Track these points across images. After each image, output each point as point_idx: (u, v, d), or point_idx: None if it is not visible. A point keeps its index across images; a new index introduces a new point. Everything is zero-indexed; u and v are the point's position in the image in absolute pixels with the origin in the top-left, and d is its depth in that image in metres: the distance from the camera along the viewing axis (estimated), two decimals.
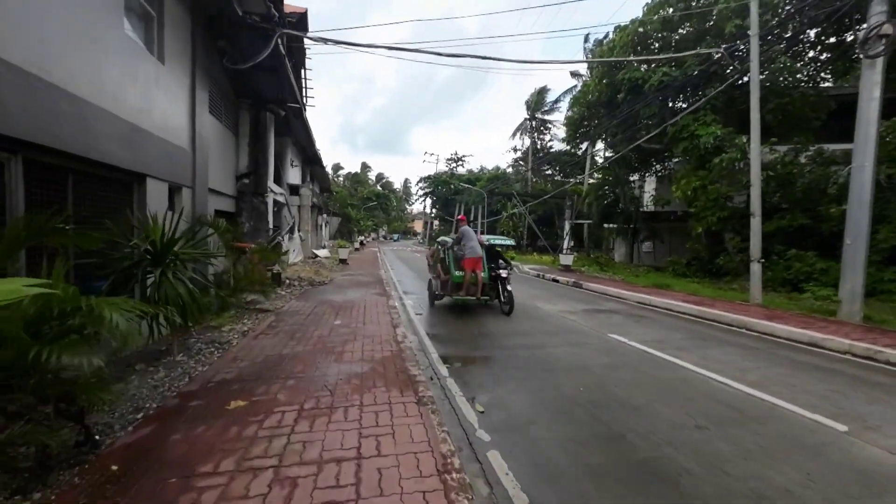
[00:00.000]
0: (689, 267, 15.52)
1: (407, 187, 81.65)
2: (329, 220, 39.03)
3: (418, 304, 8.78)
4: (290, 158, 19.30)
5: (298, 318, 6.38)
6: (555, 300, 9.89)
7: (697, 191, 13.99)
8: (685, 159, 14.88)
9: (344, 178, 69.87)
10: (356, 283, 11.13)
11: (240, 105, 8.40)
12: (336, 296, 8.85)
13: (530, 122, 36.84)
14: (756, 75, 9.09)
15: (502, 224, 32.29)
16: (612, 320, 7.65)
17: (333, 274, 13.38)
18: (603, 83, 17.17)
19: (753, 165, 9.21)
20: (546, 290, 11.73)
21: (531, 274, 16.79)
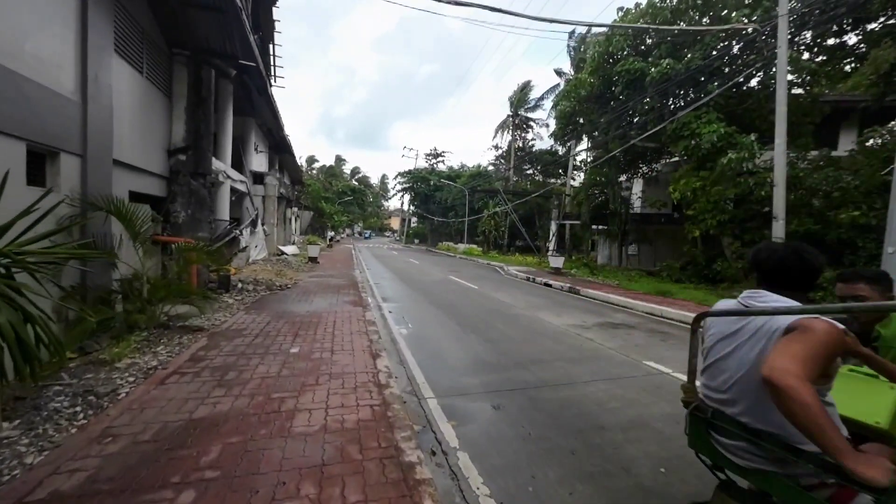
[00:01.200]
0: (684, 272, 14.74)
1: (384, 183, 79.22)
2: (300, 215, 36.50)
3: (402, 315, 7.19)
4: (255, 143, 17.10)
5: (240, 342, 4.64)
6: (558, 310, 8.57)
7: (697, 192, 13.14)
8: (684, 159, 14.03)
9: (318, 171, 66.68)
10: (326, 288, 9.37)
11: (174, 57, 6.47)
12: (299, 305, 7.11)
13: (513, 118, 35.77)
14: (784, 61, 8.11)
15: (484, 223, 31.04)
16: (634, 339, 6.37)
17: (300, 275, 11.51)
18: (597, 76, 16.10)
19: (778, 164, 8.24)
20: (543, 298, 10.42)
21: (520, 277, 15.52)
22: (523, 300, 9.74)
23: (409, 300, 9.10)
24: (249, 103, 14.70)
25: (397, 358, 4.81)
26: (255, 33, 16.97)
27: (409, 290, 10.62)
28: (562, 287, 12.48)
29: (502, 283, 13.31)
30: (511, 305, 8.90)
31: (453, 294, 10.25)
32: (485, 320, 7.19)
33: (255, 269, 10.82)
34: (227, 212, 12.64)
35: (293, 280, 9.97)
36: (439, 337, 5.94)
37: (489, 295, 10.37)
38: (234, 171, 13.31)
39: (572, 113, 17.92)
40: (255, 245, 15.22)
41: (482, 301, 9.38)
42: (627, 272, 16.84)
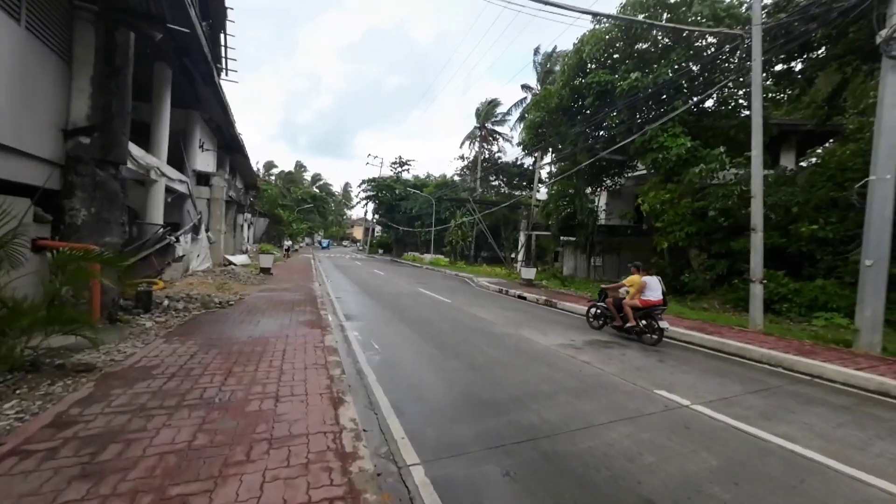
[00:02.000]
0: None
1: (347, 191, 76.74)
2: (254, 221, 33.86)
3: (369, 338, 6.05)
4: (200, 139, 15.24)
5: (144, 388, 3.33)
6: (542, 327, 7.81)
7: (665, 204, 13.20)
8: (651, 172, 14.13)
9: (276, 177, 63.21)
10: (278, 304, 7.99)
11: (76, 13, 5.01)
12: (241, 328, 5.76)
13: (480, 130, 35.75)
14: (758, 73, 8.10)
15: (451, 233, 30.33)
16: (631, 360, 5.71)
17: (248, 289, 9.95)
18: (567, 88, 16.05)
19: (755, 175, 8.15)
20: (522, 312, 9.67)
21: (492, 289, 14.78)
22: (502, 315, 8.92)
23: (376, 318, 7.95)
24: (194, 94, 12.99)
25: (366, 399, 3.72)
26: (203, 20, 15.29)
27: (376, 306, 9.45)
28: (537, 300, 11.86)
29: (476, 296, 12.47)
30: (491, 322, 8.04)
31: (426, 309, 9.23)
32: (466, 341, 6.24)
33: (191, 283, 9.15)
34: (161, 215, 10.84)
35: (238, 295, 8.46)
36: (416, 365, 4.90)
37: (464, 310, 9.46)
38: (172, 169, 11.54)
39: (541, 123, 17.78)
40: (196, 254, 13.34)
41: (458, 317, 8.44)
42: (596, 283, 16.68)
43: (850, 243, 10.22)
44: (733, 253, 12.34)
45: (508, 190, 37.13)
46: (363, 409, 3.45)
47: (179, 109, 14.26)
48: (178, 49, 10.04)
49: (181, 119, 14.40)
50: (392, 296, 11.38)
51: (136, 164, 8.83)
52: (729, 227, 12.59)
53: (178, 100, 13.58)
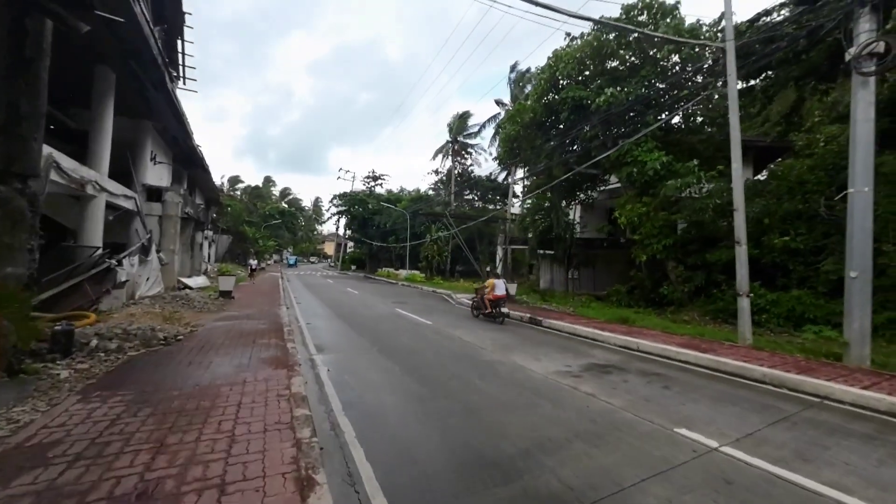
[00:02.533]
0: (631, 295, 14.68)
1: (318, 206, 74.60)
2: (216, 239, 31.75)
3: (344, 377, 5.21)
4: (151, 152, 13.91)
5: (25, 484, 2.40)
6: (533, 351, 7.24)
7: (642, 217, 13.24)
8: (627, 185, 14.22)
9: (242, 192, 60.45)
10: (237, 337, 6.96)
11: None
12: (186, 374, 4.78)
13: (452, 145, 35.72)
14: (734, 87, 8.15)
15: (426, 248, 29.66)
16: (636, 389, 5.22)
17: (204, 318, 8.78)
18: (542, 102, 16.08)
19: (736, 188, 8.12)
20: (508, 333, 9.09)
21: None
22: (488, 338, 8.29)
23: (352, 348, 7.09)
24: (144, 102, 11.80)
25: (344, 469, 2.93)
26: (158, 24, 14.14)
27: (351, 332, 8.57)
28: (521, 318, 11.35)
29: (457, 316, 11.80)
30: (478, 347, 7.38)
31: (406, 334, 8.44)
32: (455, 374, 5.53)
33: (134, 314, 7.91)
34: (100, 234, 9.53)
35: (190, 327, 7.33)
36: (403, 411, 4.14)
37: (447, 333, 8.76)
38: (114, 183, 10.26)
39: (516, 137, 17.71)
40: (145, 278, 11.90)
41: (442, 342, 7.72)
42: (576, 297, 16.50)
43: (819, 254, 10.49)
44: (709, 264, 12.45)
45: (483, 204, 37.13)
46: (340, 486, 2.67)
47: (128, 119, 12.96)
48: (125, 52, 9.00)
49: (130, 129, 13.07)
50: (368, 319, 10.50)
51: (65, 178, 7.63)
52: (703, 238, 12.76)
53: (125, 108, 12.31)
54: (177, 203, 13.65)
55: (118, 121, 12.75)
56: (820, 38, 11.00)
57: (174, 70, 17.70)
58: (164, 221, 13.49)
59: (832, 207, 10.16)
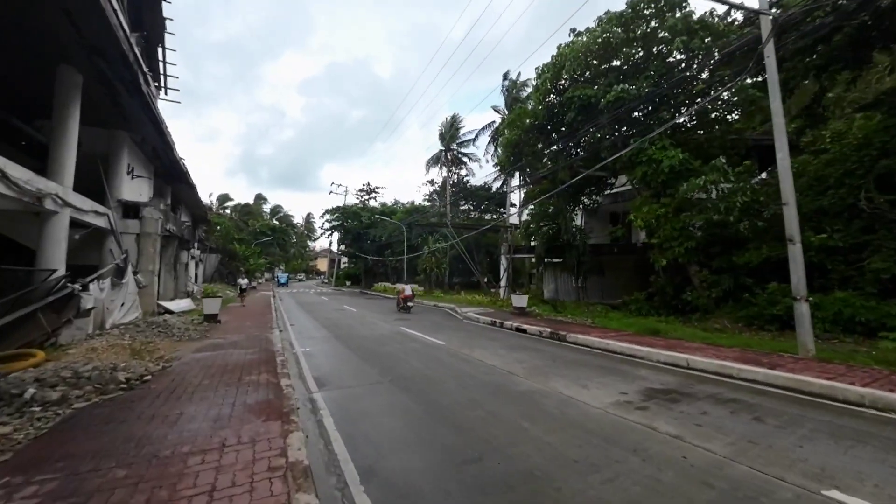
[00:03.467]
0: (650, 303, 13.68)
1: (310, 222, 73.21)
2: (204, 258, 30.22)
3: (356, 423, 4.02)
4: (128, 165, 12.70)
5: None
6: (571, 374, 6.12)
7: (660, 219, 12.36)
8: (636, 187, 13.39)
9: (232, 210, 58.91)
10: (219, 373, 5.73)
11: None
12: (143, 435, 3.56)
13: (446, 153, 35.01)
14: (773, 67, 7.34)
15: (424, 260, 28.53)
16: (725, 424, 4.13)
17: (182, 348, 7.49)
18: (545, 103, 15.34)
19: (784, 179, 7.23)
20: (533, 353, 7.96)
21: (483, 321, 13.02)
22: (514, 360, 7.15)
23: (358, 380, 5.89)
24: (118, 110, 10.67)
25: None
26: (135, 30, 13.11)
27: (354, 359, 7.35)
28: (541, 332, 10.24)
29: (469, 333, 10.64)
30: (507, 373, 6.24)
31: (418, 358, 7.26)
32: (493, 414, 4.38)
33: (96, 348, 6.60)
34: (62, 256, 8.25)
35: (162, 362, 6.06)
36: (445, 488, 2.97)
37: (466, 355, 7.60)
38: (81, 197, 9.04)
39: (518, 142, 16.91)
40: (120, 303, 10.58)
41: (463, 367, 6.56)
42: (589, 306, 15.46)
43: (860, 251, 9.65)
44: (735, 267, 11.56)
45: (479, 214, 36.30)
46: None
47: (101, 129, 11.80)
48: (90, 48, 7.91)
49: (103, 140, 11.89)
50: (372, 340, 9.29)
51: (14, 190, 6.43)
52: (727, 240, 11.88)
53: (98, 118, 11.17)
54: (156, 219, 12.38)
55: (90, 132, 11.60)
56: (839, 26, 10.47)
57: (156, 80, 16.66)
58: (143, 240, 12.20)
59: (872, 200, 9.38)
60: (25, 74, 9.01)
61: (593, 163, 14.90)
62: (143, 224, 12.21)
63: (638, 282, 19.09)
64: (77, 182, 10.04)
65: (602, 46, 13.29)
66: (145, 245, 12.24)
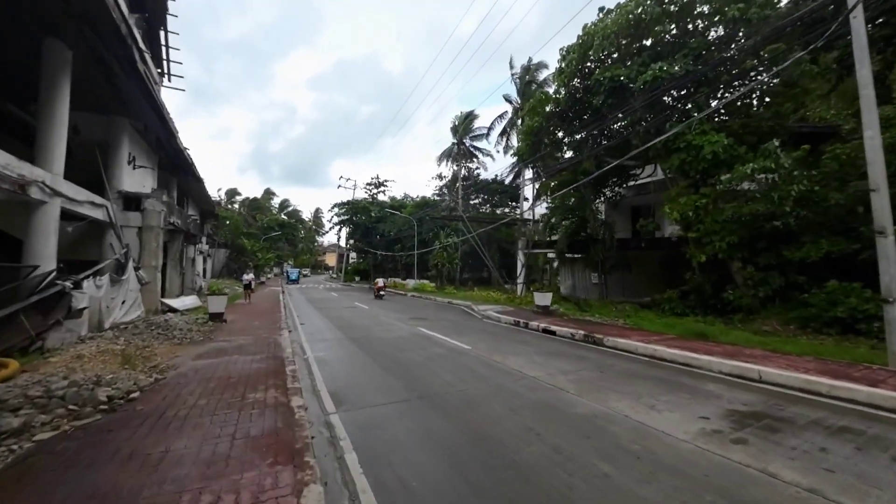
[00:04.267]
0: (685, 301, 12.59)
1: (318, 217, 72.66)
2: (213, 253, 29.70)
3: (392, 469, 3.13)
4: (129, 154, 11.93)
5: None
6: (627, 389, 5.17)
7: (699, 211, 11.26)
8: (679, 176, 12.25)
9: (240, 205, 58.54)
10: (219, 388, 4.88)
11: None
12: (110, 492, 2.70)
13: (458, 147, 33.92)
14: (862, 34, 6.23)
15: (436, 256, 27.62)
16: (860, 468, 3.15)
17: (182, 353, 6.68)
18: (570, 87, 14.23)
19: (874, 162, 6.14)
20: (575, 360, 7.01)
21: (503, 321, 12.08)
22: (556, 370, 6.21)
23: (382, 397, 5.00)
24: (115, 93, 9.87)
25: None
26: (135, 11, 12.26)
27: (374, 367, 6.48)
28: (573, 335, 9.28)
29: (494, 335, 9.72)
30: (554, 388, 5.31)
31: (445, 367, 6.36)
32: (557, 450, 3.45)
33: (82, 354, 5.80)
34: (52, 250, 7.46)
35: (155, 373, 5.23)
36: None
37: (498, 364, 6.68)
38: (73, 187, 8.25)
39: (539, 129, 15.81)
40: (120, 301, 9.86)
41: (501, 381, 5.64)
42: (615, 305, 14.42)
43: None
44: (785, 264, 10.45)
45: (490, 208, 35.24)
46: None
47: (99, 115, 11.03)
48: (78, 18, 7.05)
49: (101, 127, 11.11)
50: (390, 344, 8.41)
51: None
52: (775, 234, 10.75)
53: (95, 102, 10.39)
54: (159, 212, 11.61)
55: (87, 118, 10.84)
56: None
57: (158, 66, 15.85)
58: (145, 233, 11.44)
59: None
60: (15, 53, 8.21)
61: (621, 152, 13.79)
62: (145, 217, 11.44)
63: (663, 279, 17.96)
64: (75, 172, 9.29)
65: (634, 23, 12.12)
66: (148, 239, 11.49)
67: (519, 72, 27.62)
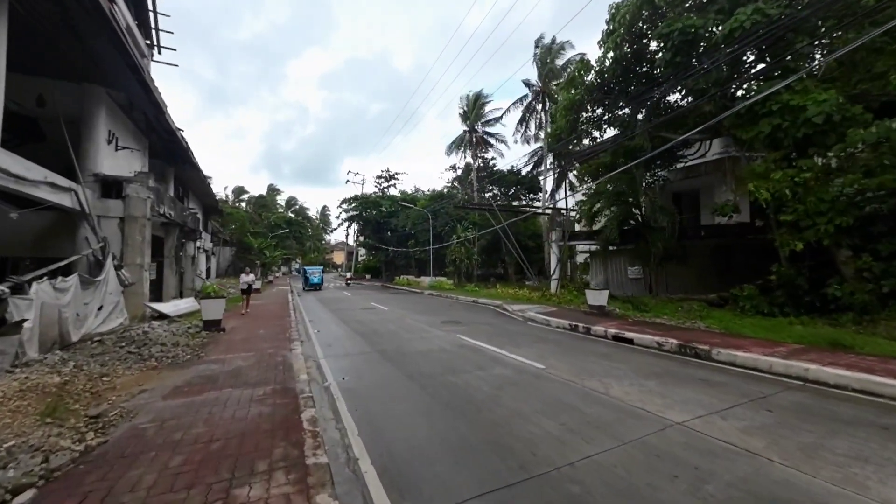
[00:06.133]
0: (770, 298, 10.37)
1: (325, 214, 70.89)
2: (217, 251, 27.91)
3: None
4: (110, 132, 9.99)
5: None
6: (840, 449, 3.07)
7: (800, 188, 9.08)
8: (768, 147, 10.02)
9: (247, 203, 56.90)
10: (187, 473, 2.86)
11: None
12: None
13: (470, 134, 31.71)
14: None
15: (453, 251, 25.56)
16: None
17: (155, 382, 4.70)
18: (619, 51, 12.04)
19: None
20: (699, 388, 4.92)
21: (553, 325, 9.98)
22: (699, 407, 4.13)
23: (468, 475, 2.95)
24: (86, 54, 7.90)
25: None
26: None
27: (430, 406, 4.42)
28: (660, 344, 7.17)
29: (559, 346, 7.64)
30: (732, 449, 3.23)
31: (525, 401, 4.30)
32: None
33: (4, 395, 3.82)
34: None
35: (94, 429, 3.24)
36: None
37: (598, 394, 4.61)
38: (21, 161, 6.27)
39: (580, 103, 13.65)
40: (95, 306, 7.96)
41: (631, 430, 3.57)
42: (677, 304, 12.23)
43: None
44: None
45: (507, 200, 33.07)
46: None
47: (70, 84, 9.08)
48: None
49: (73, 97, 9.17)
50: (433, 360, 6.36)
51: None
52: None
53: (64, 67, 8.45)
54: (144, 199, 9.65)
55: (55, 86, 8.91)
56: None
57: (147, 38, 13.90)
58: (128, 225, 9.51)
59: None
60: None
61: (674, 127, 11.63)
62: (127, 205, 9.49)
63: (716, 272, 15.78)
64: (48, 157, 7.43)
65: None
66: (131, 231, 9.55)
67: (540, 52, 25.32)
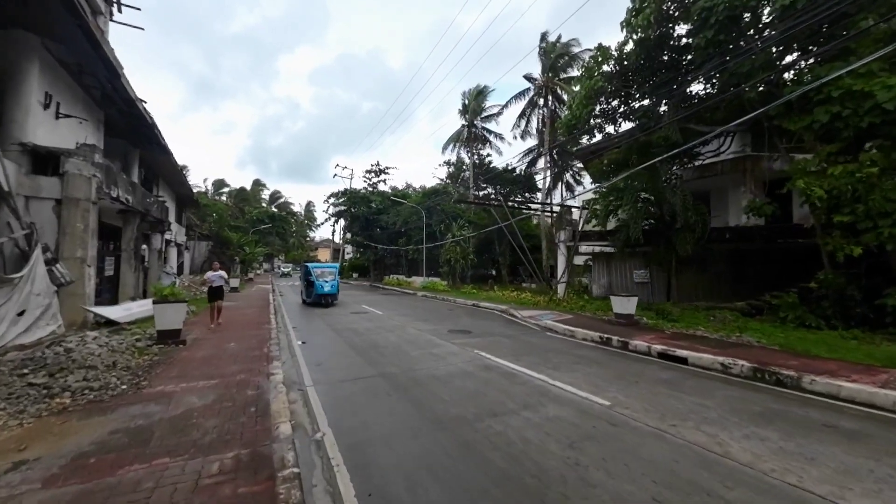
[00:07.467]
0: (814, 307, 9.30)
1: (310, 210, 68.26)
2: (192, 246, 25.61)
3: None
4: (47, 94, 8.10)
5: None
6: None
7: (858, 187, 8.01)
8: (821, 139, 8.94)
9: (227, 196, 53.92)
10: None
11: None
12: None
13: (469, 129, 30.31)
14: None
15: (448, 250, 24.08)
16: None
17: (67, 430, 3.05)
18: (649, 31, 10.82)
19: None
20: (826, 438, 3.58)
21: (578, 336, 8.62)
22: (866, 477, 2.78)
23: None
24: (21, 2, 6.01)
25: None
26: None
27: (471, 473, 2.94)
28: (725, 366, 5.88)
29: (603, 368, 6.25)
30: None
31: (613, 464, 2.87)
32: None
33: None
34: None
35: None
36: None
37: (705, 450, 3.22)
38: None
39: (601, 91, 12.40)
40: (16, 311, 6.18)
41: None
42: (708, 313, 11.07)
43: None
44: None
45: (505, 199, 31.82)
46: None
47: None
48: None
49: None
50: (459, 393, 4.85)
51: None
52: None
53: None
54: (88, 177, 7.78)
55: None
56: None
57: None
58: (66, 209, 7.63)
59: None
60: None
61: (699, 119, 10.50)
62: (66, 184, 7.61)
63: (733, 277, 14.87)
64: None
65: None
66: (71, 217, 7.67)
67: (545, 47, 24.15)
